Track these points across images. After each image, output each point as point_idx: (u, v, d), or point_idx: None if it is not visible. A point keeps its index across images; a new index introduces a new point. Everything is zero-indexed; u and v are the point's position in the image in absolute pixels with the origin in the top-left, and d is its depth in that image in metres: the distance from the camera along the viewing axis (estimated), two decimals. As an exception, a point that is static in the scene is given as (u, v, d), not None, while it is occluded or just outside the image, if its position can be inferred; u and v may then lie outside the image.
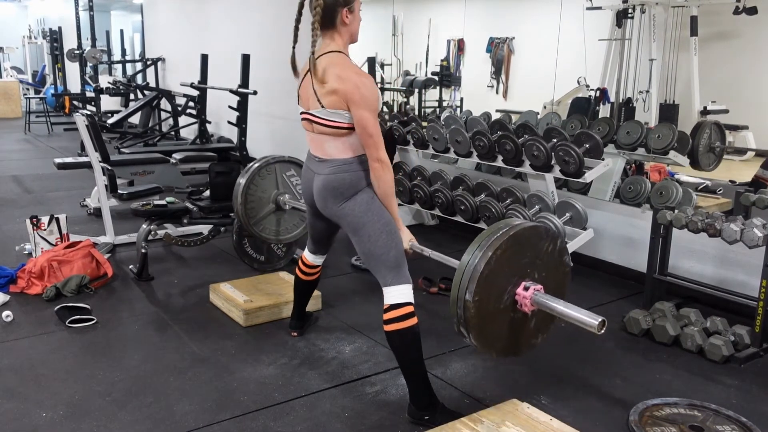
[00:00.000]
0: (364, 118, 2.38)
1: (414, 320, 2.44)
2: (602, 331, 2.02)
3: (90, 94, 11.04)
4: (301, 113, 2.60)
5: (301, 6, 2.50)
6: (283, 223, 3.49)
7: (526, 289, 2.17)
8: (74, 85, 12.99)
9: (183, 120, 8.52)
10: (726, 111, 4.59)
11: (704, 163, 3.95)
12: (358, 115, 2.38)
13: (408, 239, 2.56)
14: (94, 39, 11.21)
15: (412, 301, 2.48)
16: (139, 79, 10.93)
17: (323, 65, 2.42)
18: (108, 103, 11.45)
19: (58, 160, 5.32)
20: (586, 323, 2.03)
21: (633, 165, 4.72)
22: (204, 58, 7.80)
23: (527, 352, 2.35)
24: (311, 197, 2.70)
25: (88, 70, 11.98)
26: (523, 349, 2.32)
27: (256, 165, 3.42)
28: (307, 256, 3.07)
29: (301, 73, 2.60)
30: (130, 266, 4.17)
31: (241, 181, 3.39)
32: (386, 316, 2.46)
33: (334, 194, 2.54)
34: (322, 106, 2.44)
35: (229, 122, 6.80)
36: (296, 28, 2.53)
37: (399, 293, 2.45)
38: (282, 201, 3.41)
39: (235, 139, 6.97)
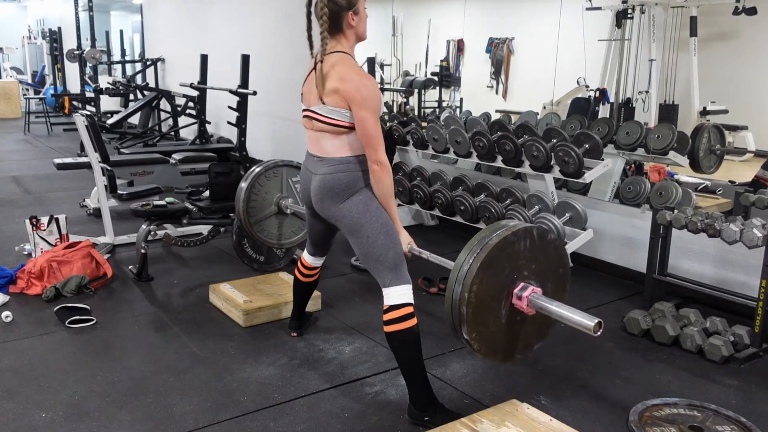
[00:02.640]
0: (364, 119, 2.39)
1: (414, 321, 2.44)
2: (598, 333, 2.01)
3: (89, 94, 11.04)
4: (303, 110, 2.61)
5: (309, 14, 2.51)
6: (284, 227, 3.49)
7: (524, 289, 2.17)
8: (74, 86, 12.99)
9: (183, 120, 8.52)
10: (725, 111, 4.59)
11: (705, 166, 3.96)
12: (359, 116, 2.40)
13: (407, 242, 2.56)
14: (93, 39, 11.21)
15: (412, 301, 2.48)
16: (138, 79, 10.93)
17: (328, 64, 2.44)
18: (107, 103, 11.45)
19: (57, 161, 5.32)
20: (582, 325, 2.02)
21: (632, 165, 4.72)
22: (203, 59, 7.80)
23: (527, 354, 2.34)
24: (309, 198, 2.70)
25: (88, 70, 11.98)
26: (522, 351, 2.31)
27: (261, 167, 3.42)
28: (306, 257, 3.07)
29: (306, 72, 2.61)
30: (130, 267, 4.17)
31: (243, 184, 3.39)
32: (386, 317, 2.46)
33: (330, 195, 2.53)
34: (324, 104, 2.46)
35: (229, 122, 6.80)
36: (309, 37, 2.55)
37: (398, 294, 2.45)
38: (284, 205, 3.41)
39: (234, 140, 6.97)
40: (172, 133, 8.96)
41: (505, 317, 2.19)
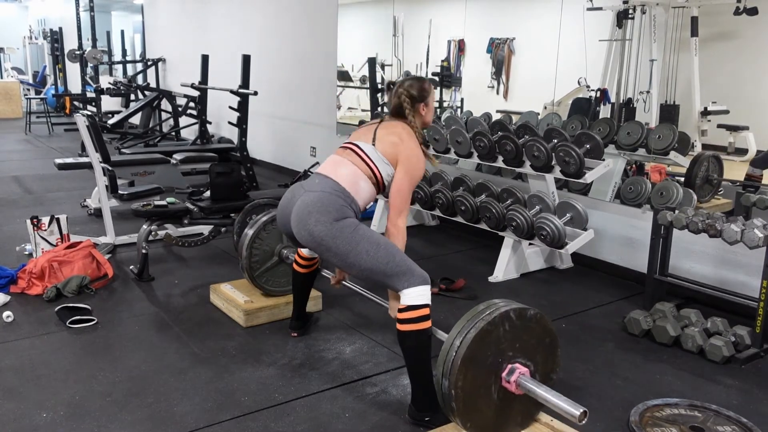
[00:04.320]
0: (403, 183, 2.62)
1: (428, 323, 2.41)
2: (584, 422, 2.02)
3: (91, 94, 11.05)
4: (345, 143, 2.75)
5: (389, 91, 2.84)
6: (286, 275, 3.49)
7: (511, 372, 2.17)
8: (75, 86, 13.00)
9: (183, 120, 8.53)
10: (726, 111, 4.58)
11: (700, 195, 3.98)
12: (400, 177, 2.62)
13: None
14: (94, 39, 11.21)
15: (430, 303, 2.44)
16: (139, 79, 10.94)
17: (394, 124, 2.72)
18: (108, 103, 11.46)
19: (58, 161, 5.33)
20: (567, 412, 2.03)
21: (633, 165, 4.71)
22: (204, 59, 7.81)
23: (528, 424, 2.35)
24: (286, 218, 2.65)
25: (89, 70, 11.98)
26: (522, 423, 2.32)
27: (263, 219, 3.42)
28: (303, 249, 3.08)
29: (369, 121, 2.82)
30: (131, 267, 4.17)
31: (249, 232, 3.39)
32: (401, 315, 2.41)
33: (321, 209, 2.48)
34: (374, 146, 2.63)
35: (230, 123, 6.81)
36: (383, 105, 2.78)
37: (417, 294, 2.41)
38: (284, 255, 3.43)
39: (235, 140, 6.98)
40: (173, 134, 8.97)
41: (497, 400, 2.21)
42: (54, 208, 5.57)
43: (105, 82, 11.42)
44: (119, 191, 4.59)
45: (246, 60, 6.51)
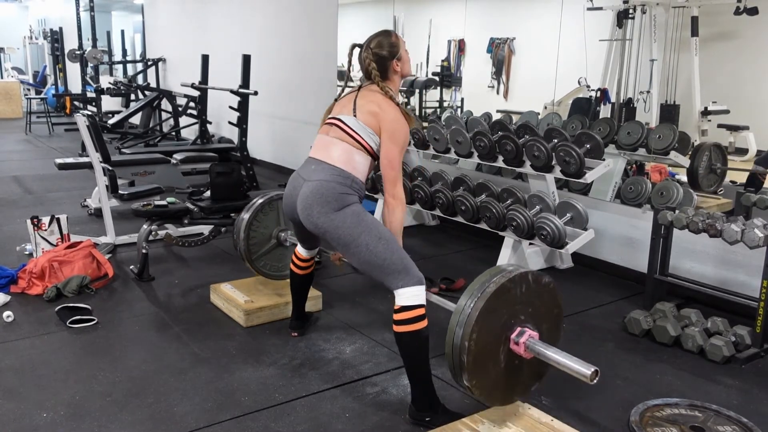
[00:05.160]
0: (392, 152, 2.54)
1: (424, 323, 2.41)
2: (595, 381, 2.04)
3: (91, 94, 11.05)
4: (328, 119, 2.68)
5: (350, 63, 2.71)
6: (284, 259, 3.49)
7: (521, 334, 2.19)
8: (75, 86, 13.01)
9: (184, 120, 8.53)
10: (727, 111, 4.58)
11: (705, 185, 3.96)
12: (388, 146, 2.54)
13: None
14: (94, 39, 11.21)
15: (425, 303, 2.43)
16: (139, 79, 10.94)
17: (372, 90, 2.62)
18: (109, 103, 11.46)
19: (58, 161, 5.33)
20: (579, 372, 2.07)
21: (634, 165, 4.71)
22: (205, 59, 7.81)
23: (526, 395, 2.38)
24: (293, 208, 2.66)
25: (89, 70, 11.98)
26: (521, 393, 2.35)
27: (260, 201, 3.41)
28: (301, 251, 3.08)
29: (344, 92, 2.73)
30: (131, 266, 4.17)
31: (245, 216, 3.39)
32: (397, 316, 2.41)
33: (321, 201, 2.49)
34: (355, 117, 2.56)
35: (230, 123, 6.81)
36: (346, 86, 2.72)
37: (412, 295, 2.41)
38: (283, 237, 3.42)
39: (235, 140, 6.98)
40: (173, 133, 8.97)
41: (503, 362, 2.23)
42: (54, 208, 5.57)
43: (105, 82, 11.42)
44: (119, 191, 4.59)
45: (246, 60, 6.51)
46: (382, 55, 2.60)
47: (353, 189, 2.54)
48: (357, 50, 2.69)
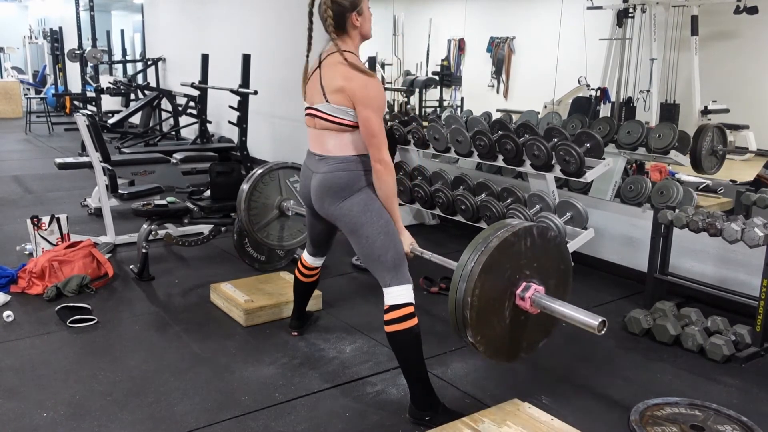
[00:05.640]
0: (368, 118, 2.39)
1: (414, 321, 2.44)
2: (603, 332, 2.02)
3: (91, 94, 11.04)
4: (306, 108, 2.61)
5: (311, 14, 2.51)
6: (286, 229, 3.49)
7: (526, 289, 2.16)
8: (75, 85, 13.00)
9: (183, 120, 8.52)
10: (727, 110, 4.59)
11: (706, 167, 3.96)
12: (364, 114, 2.39)
13: (408, 242, 2.55)
14: (94, 39, 11.21)
15: (413, 301, 2.47)
16: (139, 79, 10.94)
17: (332, 62, 2.45)
18: (109, 103, 11.45)
19: (58, 160, 5.32)
20: (586, 323, 2.03)
21: (634, 164, 4.71)
22: (204, 58, 7.80)
23: (531, 353, 2.35)
24: (308, 197, 2.70)
25: (89, 70, 11.98)
26: (527, 350, 2.32)
27: (259, 171, 3.41)
28: (307, 258, 3.07)
29: (310, 71, 2.60)
30: (131, 266, 4.17)
31: (245, 187, 3.38)
32: (386, 316, 2.45)
33: (330, 193, 2.52)
34: (327, 101, 2.46)
35: (230, 122, 6.80)
36: (310, 37, 2.55)
37: (399, 294, 2.45)
38: (285, 207, 3.41)
39: (235, 139, 6.97)
40: (173, 133, 8.96)
41: (509, 318, 2.19)
42: (54, 207, 5.57)
43: (105, 81, 11.41)
44: (119, 191, 4.59)
45: (246, 59, 6.50)
46: (341, 4, 2.39)
47: (361, 169, 2.51)
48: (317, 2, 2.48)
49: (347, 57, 2.41)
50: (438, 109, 6.97)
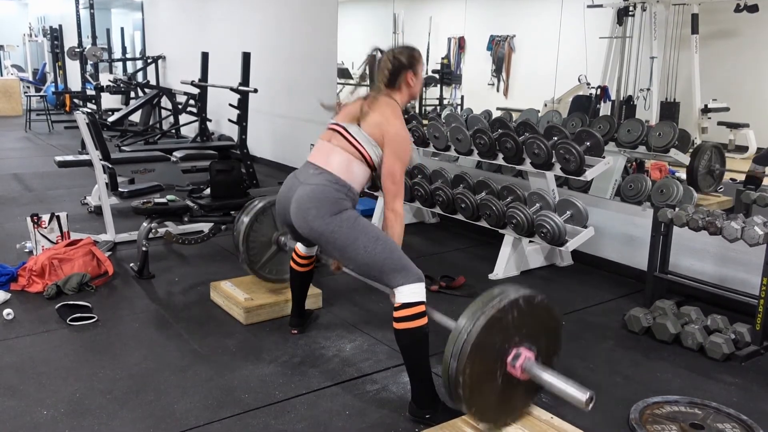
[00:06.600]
0: (394, 166, 2.54)
1: (424, 320, 2.41)
2: (590, 407, 2.02)
3: (90, 92, 11.04)
4: (331, 123, 2.66)
5: (372, 61, 2.72)
6: (286, 263, 3.48)
7: (517, 357, 2.17)
8: (75, 83, 13.00)
9: (183, 118, 8.52)
10: (727, 109, 4.58)
11: (703, 186, 3.97)
12: (390, 161, 2.54)
13: None
14: (94, 37, 11.20)
15: (425, 300, 2.43)
16: (139, 77, 10.95)
17: (381, 101, 2.61)
18: (108, 101, 11.45)
19: (58, 158, 5.33)
20: (574, 398, 2.04)
21: (634, 163, 4.71)
22: (204, 56, 7.80)
23: (527, 408, 2.38)
24: (285, 209, 2.65)
25: (89, 68, 11.97)
26: (517, 415, 2.34)
27: (257, 207, 3.39)
28: (300, 248, 3.08)
29: (355, 97, 2.71)
30: (131, 264, 4.17)
31: (241, 228, 3.36)
32: (397, 314, 2.41)
33: (317, 204, 2.48)
34: (359, 127, 2.55)
35: (230, 120, 6.81)
36: (372, 80, 2.70)
37: (411, 292, 2.41)
38: (283, 242, 3.42)
39: (235, 137, 6.97)
40: (173, 131, 8.96)
41: (501, 384, 2.20)
42: (54, 205, 5.57)
43: (105, 79, 11.40)
44: (119, 189, 4.59)
45: (246, 57, 6.50)
46: (400, 61, 2.61)
47: (348, 197, 2.54)
48: (378, 54, 2.71)
49: (393, 105, 2.59)
50: (438, 108, 6.96)
